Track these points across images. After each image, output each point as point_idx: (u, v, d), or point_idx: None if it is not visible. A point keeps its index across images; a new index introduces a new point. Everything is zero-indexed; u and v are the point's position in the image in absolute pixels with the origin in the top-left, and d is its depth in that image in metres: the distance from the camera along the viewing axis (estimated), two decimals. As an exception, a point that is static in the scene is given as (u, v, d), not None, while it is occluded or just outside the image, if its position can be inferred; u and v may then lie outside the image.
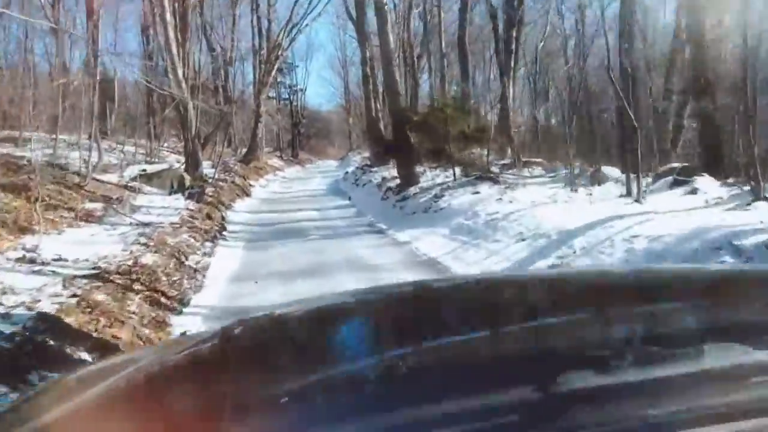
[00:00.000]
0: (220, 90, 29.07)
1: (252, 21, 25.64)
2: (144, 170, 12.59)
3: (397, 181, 13.76)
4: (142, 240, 7.32)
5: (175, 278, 6.13)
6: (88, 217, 8.75)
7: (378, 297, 1.43)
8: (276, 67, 24.42)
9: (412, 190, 11.66)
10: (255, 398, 0.84)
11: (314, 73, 76.00)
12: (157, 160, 18.40)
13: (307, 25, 24.45)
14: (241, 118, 33.03)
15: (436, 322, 1.18)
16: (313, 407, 0.78)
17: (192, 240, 8.37)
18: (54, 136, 13.15)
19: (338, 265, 7.15)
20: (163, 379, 1.07)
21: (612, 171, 9.95)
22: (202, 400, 0.89)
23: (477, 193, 9.58)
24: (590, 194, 8.43)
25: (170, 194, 11.63)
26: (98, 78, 13.83)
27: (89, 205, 9.31)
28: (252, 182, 20.65)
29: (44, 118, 13.15)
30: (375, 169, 17.50)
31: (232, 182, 17.54)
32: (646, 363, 0.72)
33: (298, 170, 31.95)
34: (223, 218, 11.60)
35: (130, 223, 8.73)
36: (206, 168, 17.20)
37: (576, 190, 8.71)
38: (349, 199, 15.54)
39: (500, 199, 8.64)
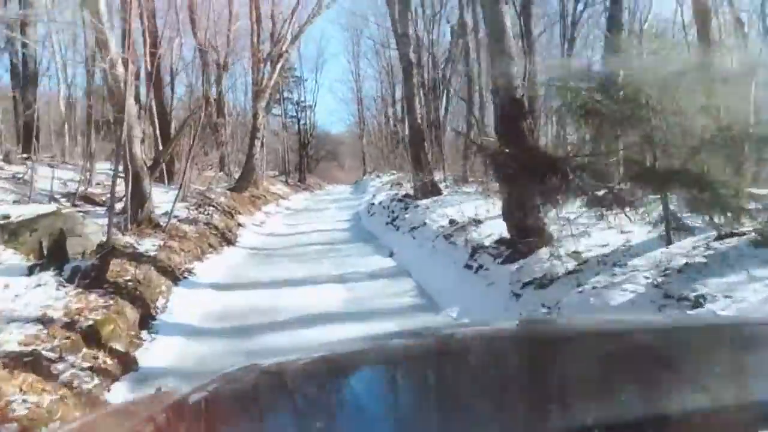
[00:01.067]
0: (212, 101, 22.96)
1: (250, 11, 19.23)
2: (7, 217, 6.10)
3: (486, 230, 7.28)
4: None
5: None
6: None
7: (385, 350, 1.25)
8: (279, 67, 18.10)
9: (559, 267, 5.13)
10: None
11: (323, 89, 69.00)
12: (98, 189, 12.07)
13: (319, 14, 18.22)
14: (240, 137, 26.94)
15: (447, 384, 0.98)
16: None
17: None
18: None
19: None
20: None
21: None
22: None
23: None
24: None
25: (32, 273, 5.15)
26: None
27: None
28: (243, 219, 14.22)
29: None
30: (423, 203, 11.01)
31: (207, 223, 11.10)
32: None
33: (305, 198, 25.55)
34: (136, 335, 5.08)
35: None
36: (167, 204, 10.86)
37: None
38: (391, 255, 9.04)
39: None
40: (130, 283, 5.70)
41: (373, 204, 15.36)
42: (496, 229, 7.07)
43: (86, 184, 11.82)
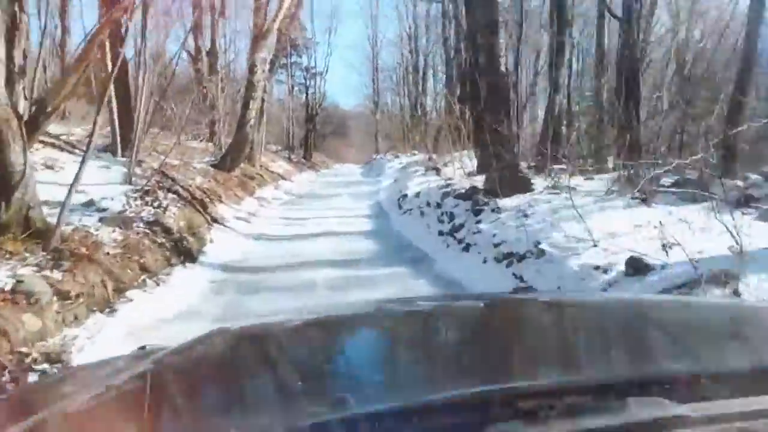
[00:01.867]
0: (204, 55, 18.23)
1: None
2: None
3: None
4: None
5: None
6: None
7: (347, 320, 1.24)
8: (285, 7, 13.36)
9: None
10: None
11: (334, 56, 63.29)
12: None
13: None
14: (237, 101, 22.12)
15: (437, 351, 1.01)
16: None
17: None
18: None
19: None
20: (132, 395, 0.91)
21: None
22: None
23: None
24: None
25: None
26: None
27: None
28: (223, 210, 9.69)
29: None
30: (509, 205, 6.45)
31: (151, 223, 6.56)
32: (572, 414, 0.65)
33: (310, 179, 20.99)
34: None
35: None
36: (99, 188, 6.46)
37: None
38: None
39: None
40: None
41: (405, 195, 10.81)
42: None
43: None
